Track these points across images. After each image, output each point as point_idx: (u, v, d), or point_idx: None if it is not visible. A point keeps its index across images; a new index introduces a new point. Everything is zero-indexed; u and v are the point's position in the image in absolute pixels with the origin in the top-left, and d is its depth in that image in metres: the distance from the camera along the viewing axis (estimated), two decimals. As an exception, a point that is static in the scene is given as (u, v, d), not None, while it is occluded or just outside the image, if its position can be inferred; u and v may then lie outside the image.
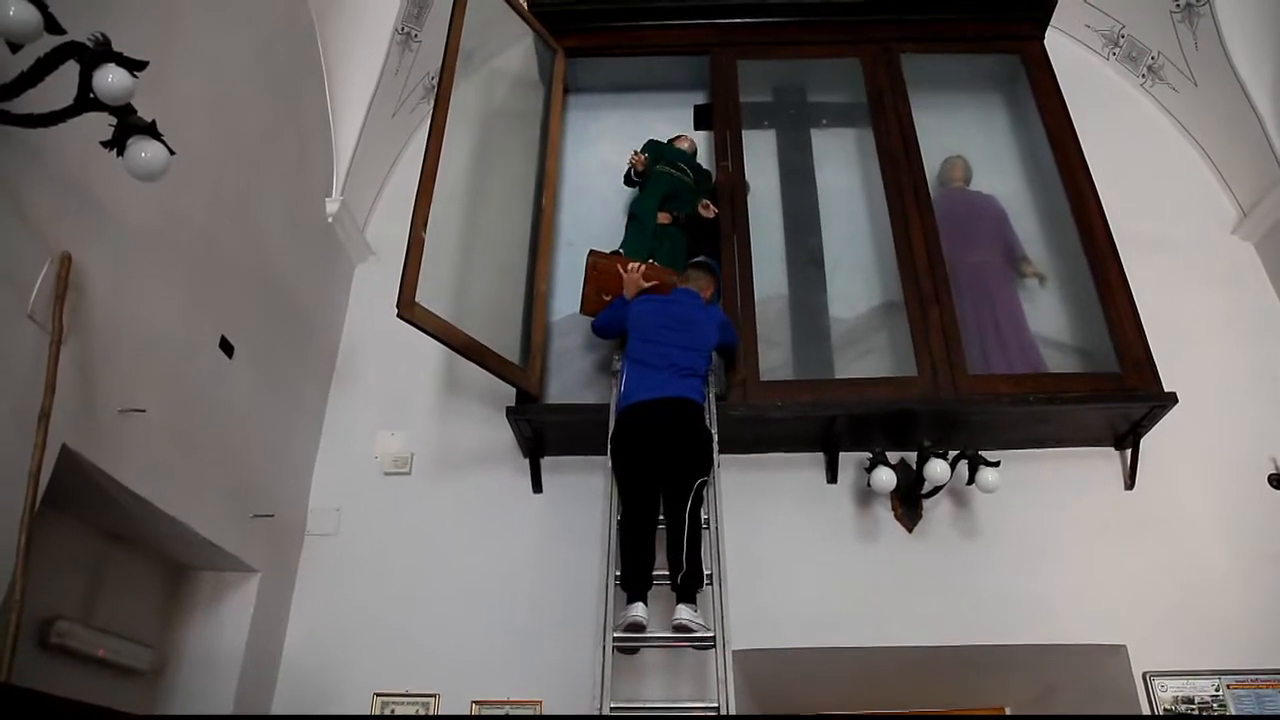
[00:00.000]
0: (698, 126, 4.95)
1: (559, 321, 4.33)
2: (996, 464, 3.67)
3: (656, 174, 4.37)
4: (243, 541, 3.51)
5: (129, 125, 2.29)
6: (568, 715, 3.55)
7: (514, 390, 3.88)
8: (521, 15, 4.57)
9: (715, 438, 3.50)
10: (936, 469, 3.65)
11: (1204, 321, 4.35)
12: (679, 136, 4.66)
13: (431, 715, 3.64)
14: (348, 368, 4.51)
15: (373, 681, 3.72)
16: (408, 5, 4.54)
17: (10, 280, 2.34)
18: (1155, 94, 5.06)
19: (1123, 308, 3.97)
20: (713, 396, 3.69)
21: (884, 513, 3.97)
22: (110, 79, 2.19)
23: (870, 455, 3.75)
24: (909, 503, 3.93)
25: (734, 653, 3.03)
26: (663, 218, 4.30)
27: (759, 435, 3.95)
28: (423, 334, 3.44)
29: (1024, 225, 4.58)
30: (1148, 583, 3.77)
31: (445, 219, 3.71)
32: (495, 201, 4.26)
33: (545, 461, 4.09)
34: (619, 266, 3.93)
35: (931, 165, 4.55)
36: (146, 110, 2.34)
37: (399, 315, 3.31)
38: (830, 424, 3.85)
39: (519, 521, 4.03)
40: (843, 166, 4.81)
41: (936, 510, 3.95)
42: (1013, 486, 3.75)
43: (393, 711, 3.67)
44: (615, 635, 3.04)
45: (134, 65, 2.23)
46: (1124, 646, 3.65)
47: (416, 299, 3.36)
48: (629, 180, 4.44)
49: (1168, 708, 3.53)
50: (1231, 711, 3.51)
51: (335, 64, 4.38)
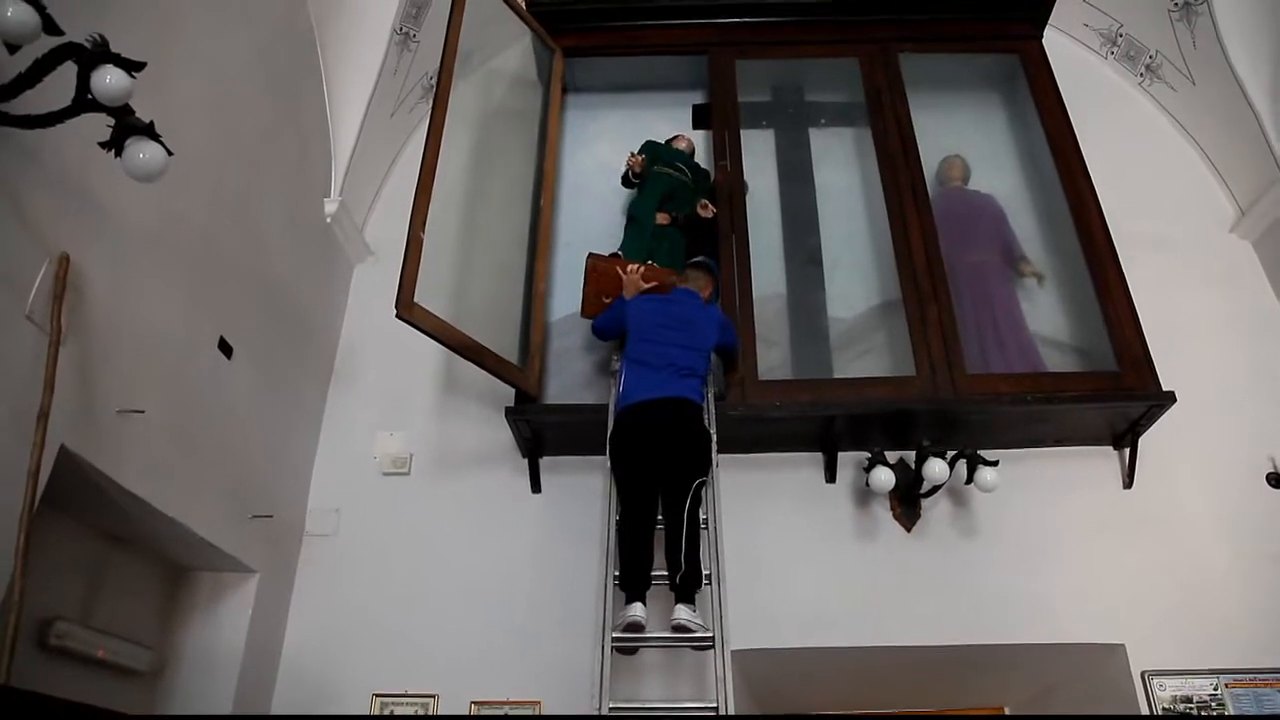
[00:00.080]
0: (696, 126, 4.95)
1: (557, 321, 4.33)
2: (995, 463, 3.68)
3: (654, 175, 4.37)
4: (242, 542, 3.51)
5: (127, 126, 2.29)
6: (567, 716, 3.55)
7: (513, 390, 3.88)
8: (519, 15, 4.57)
9: (714, 438, 3.50)
10: (935, 468, 3.65)
11: (1202, 320, 4.35)
12: (676, 136, 4.65)
13: (430, 715, 3.64)
14: (346, 368, 4.51)
15: (372, 682, 3.72)
16: (406, 5, 4.54)
17: (9, 281, 2.34)
18: (1153, 93, 5.06)
19: (1121, 307, 3.97)
20: (711, 396, 3.69)
21: (883, 512, 3.97)
22: (108, 80, 2.18)
23: (869, 455, 3.75)
24: (908, 502, 3.93)
25: (733, 653, 3.03)
26: (661, 219, 4.29)
27: (757, 435, 3.95)
28: (421, 334, 3.44)
29: (1022, 224, 4.58)
30: (1146, 582, 3.77)
31: (444, 219, 3.71)
32: (494, 201, 4.26)
33: (544, 462, 4.09)
34: (618, 268, 3.93)
35: (930, 165, 4.55)
36: (145, 111, 2.33)
37: (398, 315, 3.31)
38: (829, 424, 3.85)
39: (518, 522, 4.03)
40: (841, 166, 4.81)
41: (935, 510, 3.95)
42: (1011, 486, 3.75)
43: (391, 712, 3.67)
44: (614, 635, 3.04)
45: (132, 66, 2.22)
46: (1122, 645, 3.66)
47: (415, 299, 3.36)
48: (627, 182, 4.44)
49: (1166, 707, 3.53)
50: (1230, 710, 3.52)
51: (334, 64, 4.38)
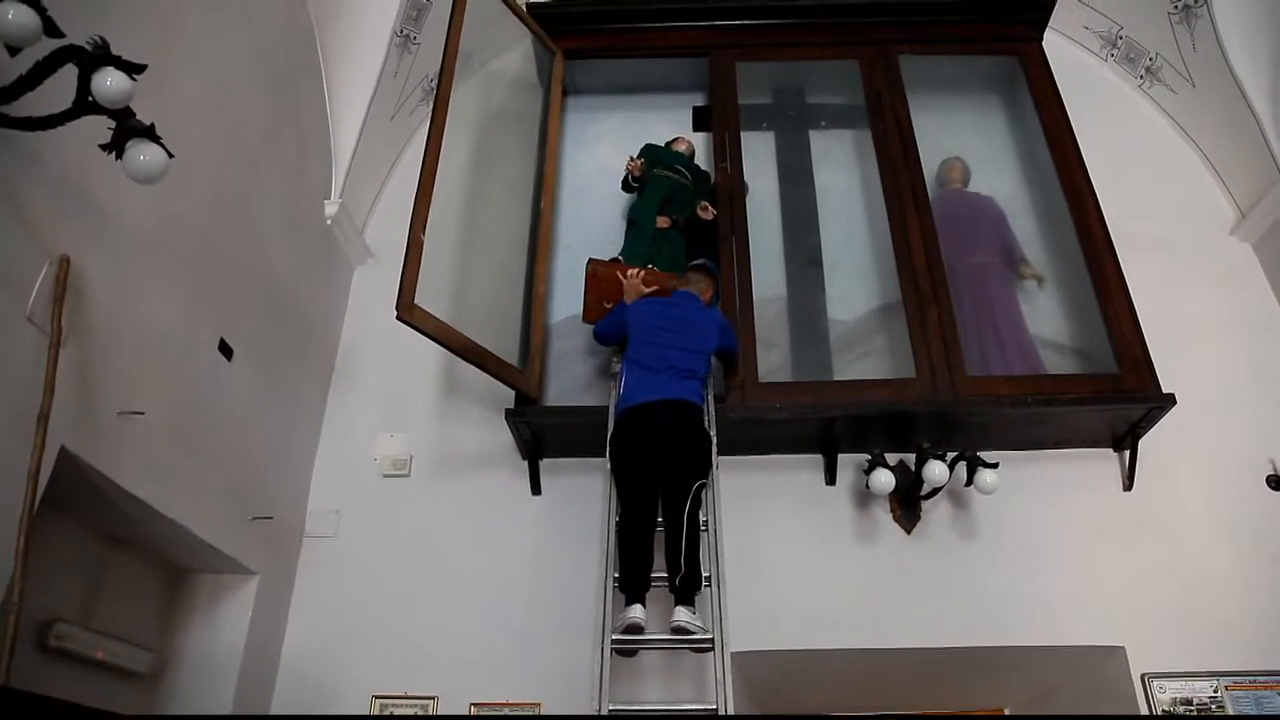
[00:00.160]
0: (697, 128, 4.95)
1: (558, 324, 4.33)
2: (995, 465, 3.67)
3: (654, 179, 4.37)
4: (241, 544, 3.51)
5: (127, 128, 2.29)
6: (566, 716, 3.55)
7: (513, 392, 3.88)
8: (520, 17, 4.58)
9: (714, 440, 3.50)
10: (935, 470, 3.65)
11: (1202, 322, 4.35)
12: (676, 139, 4.65)
13: (430, 716, 3.64)
14: (347, 370, 4.51)
15: (371, 683, 3.72)
16: (406, 7, 4.54)
17: (9, 283, 2.35)
18: (1153, 95, 5.06)
19: (1121, 308, 3.97)
20: (711, 399, 3.69)
21: (883, 514, 3.97)
22: (109, 82, 2.19)
23: (869, 457, 3.75)
24: (908, 504, 3.93)
25: (732, 654, 3.03)
26: (661, 222, 4.29)
27: (757, 437, 3.94)
28: (422, 336, 3.44)
29: (1022, 226, 4.58)
30: (1146, 584, 3.77)
31: (444, 221, 3.71)
32: (494, 203, 4.27)
33: (544, 464, 4.09)
34: (618, 273, 3.94)
35: (930, 166, 4.55)
36: (146, 112, 2.34)
37: (398, 317, 3.31)
38: (829, 426, 3.85)
39: (518, 523, 4.03)
40: (841, 168, 4.81)
41: (935, 512, 3.95)
42: (1011, 488, 3.75)
43: (391, 713, 3.66)
44: (614, 637, 3.04)
45: (133, 68, 2.23)
46: (1122, 647, 3.65)
47: (416, 301, 3.36)
48: (627, 186, 4.45)
49: (1166, 709, 3.53)
50: (1229, 712, 3.51)
51: (334, 66, 4.39)
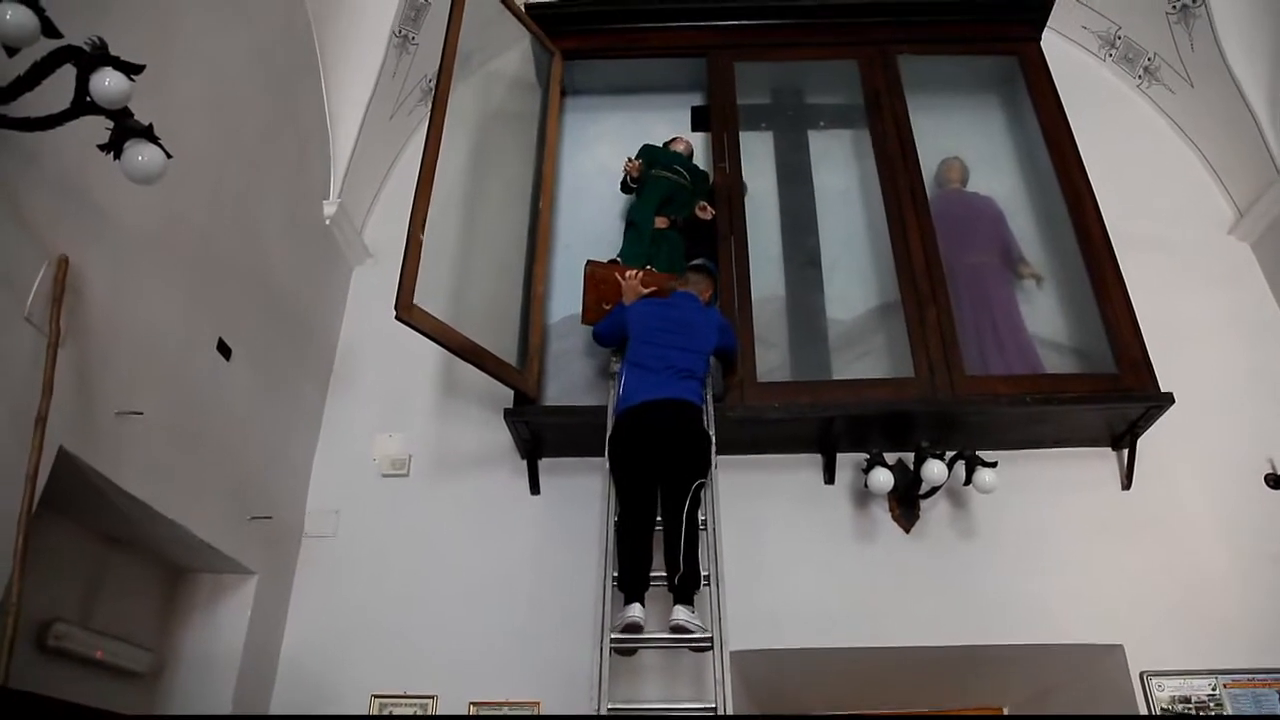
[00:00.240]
0: (695, 128, 4.94)
1: (556, 324, 4.34)
2: (994, 464, 3.67)
3: (652, 179, 4.37)
4: (241, 544, 3.51)
5: (126, 128, 2.29)
6: (566, 717, 3.55)
7: (512, 392, 3.88)
8: (518, 17, 4.58)
9: (713, 439, 3.50)
10: (934, 470, 3.65)
11: (1201, 322, 4.35)
12: (674, 139, 4.66)
13: (429, 717, 3.64)
14: (346, 370, 4.51)
15: (371, 683, 3.72)
16: (405, 8, 4.55)
17: (8, 283, 2.35)
18: (1151, 95, 5.07)
19: (1119, 308, 3.97)
20: (710, 398, 3.69)
21: (881, 513, 3.97)
22: (107, 82, 2.19)
23: (868, 456, 3.75)
24: (906, 503, 3.93)
25: (731, 653, 3.03)
26: (660, 222, 4.29)
27: (756, 436, 3.95)
28: (420, 336, 3.44)
29: (1021, 226, 4.58)
30: (1145, 583, 3.77)
31: (443, 221, 3.71)
32: (493, 204, 4.27)
33: (543, 463, 4.09)
34: (617, 275, 3.94)
35: (929, 166, 4.55)
36: (144, 113, 2.34)
37: (397, 317, 3.31)
38: (828, 425, 3.85)
39: (517, 523, 4.03)
40: (840, 168, 4.81)
41: (934, 511, 3.95)
42: (1010, 487, 3.75)
43: (390, 713, 3.67)
44: (613, 636, 3.04)
45: (131, 69, 2.23)
46: (1121, 646, 3.65)
47: (414, 301, 3.36)
48: (625, 187, 4.45)
49: (1165, 707, 3.53)
50: (1228, 710, 3.51)
51: (333, 66, 4.39)
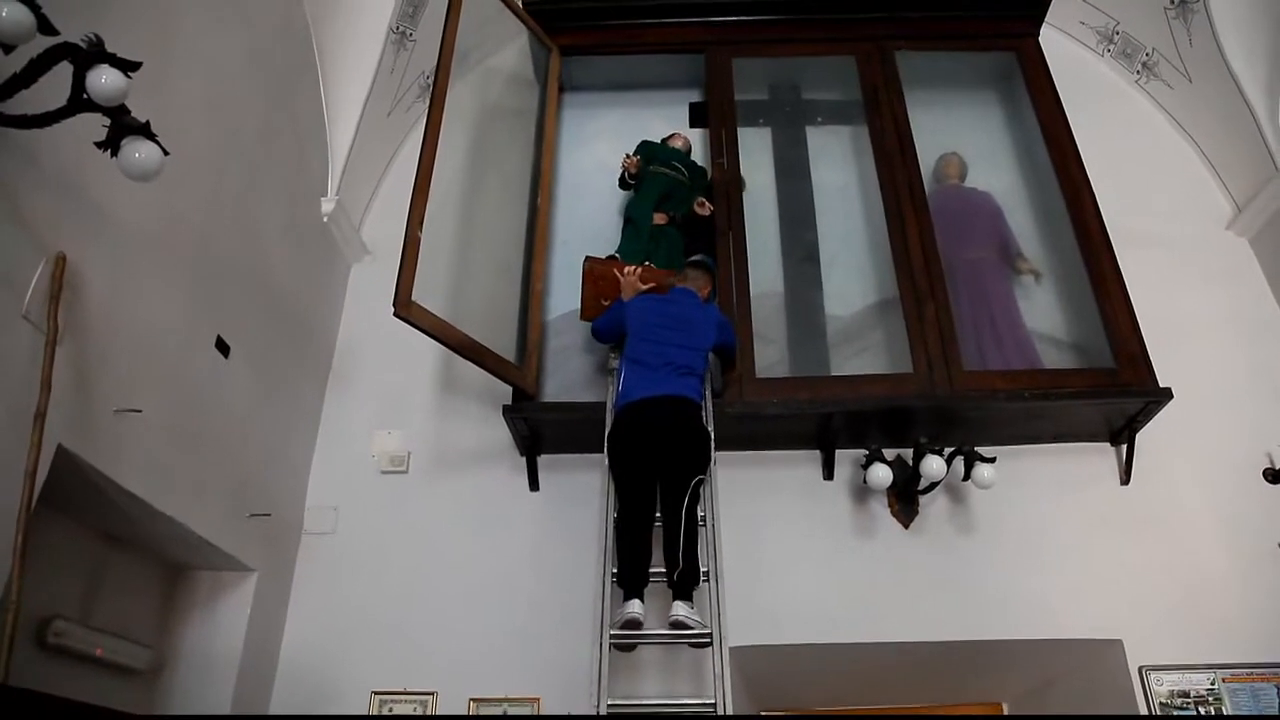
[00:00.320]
0: (693, 124, 4.95)
1: (555, 320, 4.33)
2: (992, 460, 3.68)
3: (650, 175, 4.36)
4: (240, 541, 3.51)
5: (123, 126, 2.29)
6: (564, 716, 3.55)
7: (510, 389, 3.88)
8: (516, 14, 4.57)
9: (712, 436, 3.50)
10: (933, 465, 3.66)
11: (1199, 317, 4.35)
12: (672, 135, 4.65)
13: (428, 716, 3.64)
14: (344, 367, 4.51)
15: (370, 680, 3.73)
16: (402, 4, 4.53)
17: (5, 281, 2.34)
18: (1150, 90, 5.06)
19: (1118, 303, 3.97)
20: (709, 395, 3.69)
21: (880, 509, 3.98)
22: (103, 80, 2.18)
23: (866, 452, 3.75)
24: (905, 499, 3.94)
25: (731, 649, 3.04)
26: (659, 218, 4.29)
27: (755, 433, 3.95)
28: (419, 333, 3.44)
29: (1019, 222, 4.58)
30: (1144, 577, 3.78)
31: (441, 218, 3.71)
32: (491, 200, 4.26)
33: (542, 460, 4.09)
34: (615, 271, 3.94)
35: (927, 162, 4.54)
36: (142, 111, 2.34)
37: (395, 314, 3.31)
38: (826, 421, 3.85)
39: (516, 520, 4.03)
40: (838, 164, 4.81)
41: (933, 506, 3.96)
42: (1009, 482, 3.76)
43: (390, 710, 3.67)
44: (612, 632, 3.05)
45: (127, 66, 2.23)
46: (1120, 641, 3.66)
47: (413, 298, 3.36)
48: (623, 183, 4.44)
49: (1164, 701, 3.54)
50: (1227, 704, 3.53)
51: (330, 63, 4.38)
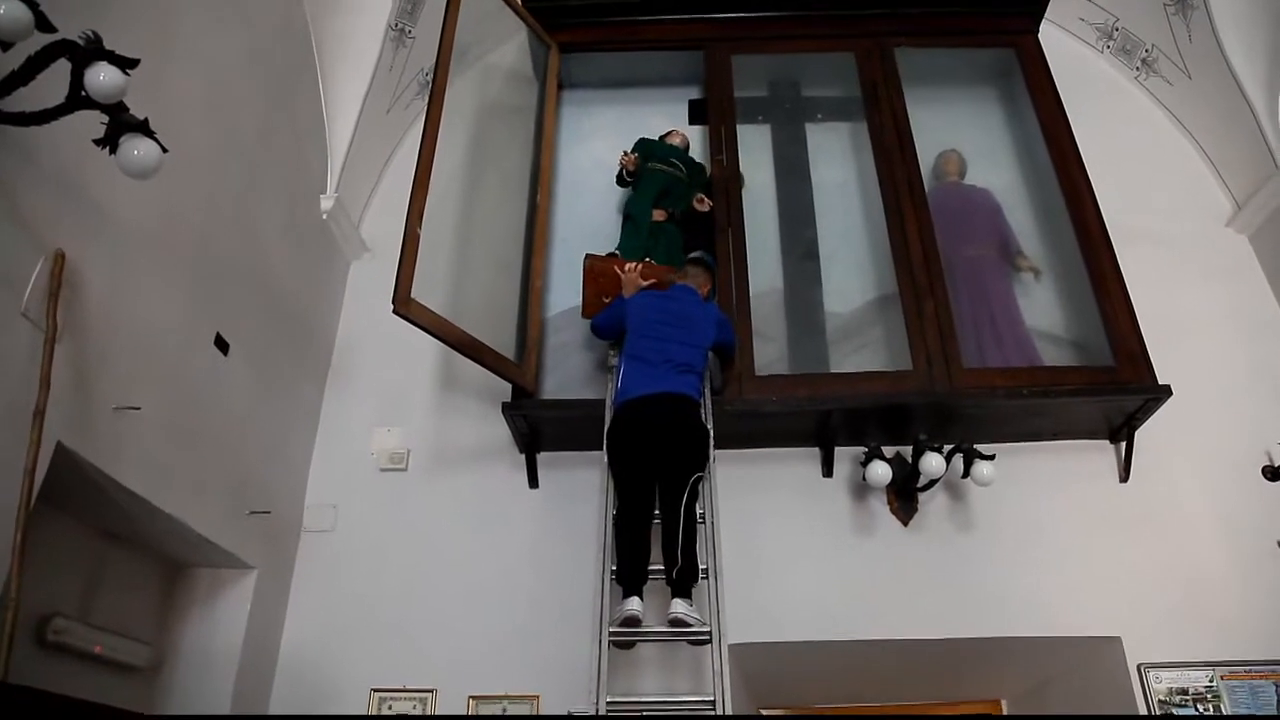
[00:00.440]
0: (693, 121, 4.94)
1: (554, 317, 4.33)
2: (991, 457, 3.68)
3: (649, 172, 4.36)
4: (239, 538, 3.51)
5: (121, 123, 2.29)
6: (563, 715, 3.55)
7: (510, 386, 3.88)
8: (515, 10, 4.57)
9: (711, 433, 3.50)
10: (932, 462, 3.66)
11: (1198, 314, 4.35)
12: (670, 132, 4.65)
13: (428, 716, 3.64)
14: (343, 364, 4.51)
15: (370, 677, 3.73)
16: (401, 1, 4.53)
17: (4, 279, 2.34)
18: (1149, 87, 5.06)
19: (1117, 300, 3.97)
20: (708, 392, 3.69)
21: (880, 506, 3.98)
22: (102, 77, 2.19)
23: (866, 449, 3.76)
24: (904, 496, 3.94)
25: (730, 647, 3.05)
26: (658, 215, 4.28)
27: (754, 430, 3.95)
28: (418, 330, 3.44)
29: (1019, 219, 4.58)
30: (1143, 575, 3.78)
31: (440, 215, 3.70)
32: (490, 198, 4.26)
33: (541, 457, 4.09)
34: (616, 268, 3.93)
35: (926, 159, 4.54)
36: (142, 109, 2.34)
37: (395, 311, 3.31)
38: (825, 418, 3.85)
39: (515, 517, 4.04)
40: (837, 161, 4.80)
41: (932, 504, 3.96)
42: (1008, 479, 3.77)
43: (390, 707, 3.67)
44: (611, 630, 3.05)
45: (125, 63, 2.22)
46: (1119, 638, 3.67)
47: (412, 295, 3.36)
48: (621, 181, 4.44)
49: (1162, 699, 3.55)
50: (1225, 702, 3.53)
51: (329, 61, 4.38)
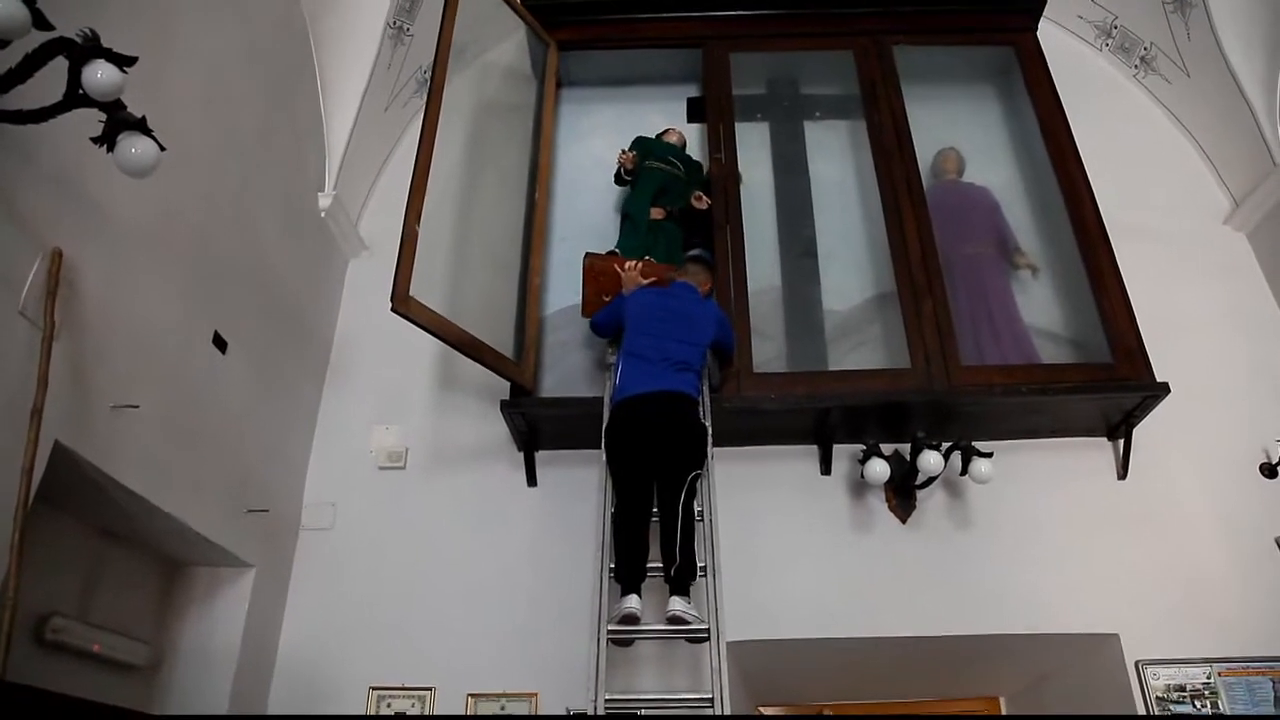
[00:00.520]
0: (691, 119, 4.93)
1: (552, 315, 4.33)
2: (989, 455, 3.68)
3: (646, 171, 4.36)
4: (238, 537, 3.51)
5: (119, 121, 2.28)
6: (563, 715, 3.56)
7: (508, 384, 3.88)
8: (514, 8, 4.56)
9: (709, 431, 3.50)
10: (930, 460, 3.67)
11: (1196, 312, 4.36)
12: (667, 130, 4.65)
13: (427, 716, 3.64)
14: (342, 363, 4.51)
15: (369, 675, 3.73)
16: (399, -1, 4.53)
17: (2, 277, 2.34)
18: (1148, 85, 5.07)
19: (1115, 298, 3.98)
20: (707, 390, 3.69)
21: (878, 504, 3.98)
22: (99, 75, 2.18)
23: (864, 447, 3.76)
24: (903, 494, 3.94)
25: (728, 644, 3.05)
26: (655, 213, 4.28)
27: (753, 428, 3.95)
28: (417, 328, 3.44)
29: (1017, 216, 4.58)
30: (1140, 572, 3.79)
31: (438, 213, 3.70)
32: (488, 195, 4.26)
33: (540, 455, 4.09)
34: (615, 266, 3.94)
35: (924, 157, 4.54)
36: (141, 107, 2.33)
37: (393, 309, 3.31)
38: (824, 416, 3.86)
39: (514, 515, 4.04)
40: (836, 159, 4.80)
41: (930, 501, 3.97)
42: (1006, 477, 3.77)
43: (389, 705, 3.68)
44: (610, 628, 3.05)
45: (123, 61, 2.22)
46: (1116, 635, 3.67)
47: (410, 293, 3.35)
48: (619, 179, 4.44)
49: (1160, 696, 3.56)
50: (1223, 698, 3.54)
51: (328, 58, 4.38)
